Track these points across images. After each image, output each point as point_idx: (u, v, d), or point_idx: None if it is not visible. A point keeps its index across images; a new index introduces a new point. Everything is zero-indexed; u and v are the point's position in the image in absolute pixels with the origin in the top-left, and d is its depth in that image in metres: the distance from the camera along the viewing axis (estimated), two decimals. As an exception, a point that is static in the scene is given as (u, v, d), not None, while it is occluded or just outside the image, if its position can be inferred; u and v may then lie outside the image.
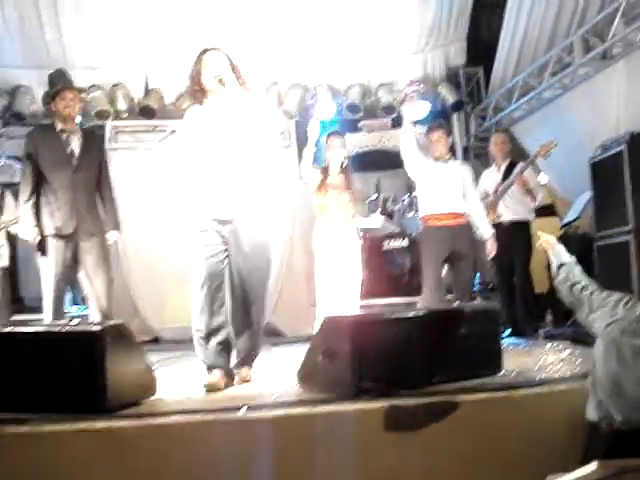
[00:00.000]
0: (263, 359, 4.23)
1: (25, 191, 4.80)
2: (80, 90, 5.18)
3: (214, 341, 3.79)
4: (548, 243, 3.52)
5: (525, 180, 6.08)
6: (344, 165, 5.42)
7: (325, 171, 5.38)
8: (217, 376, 3.72)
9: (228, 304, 3.85)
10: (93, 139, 5.18)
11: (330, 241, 5.23)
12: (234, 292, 3.84)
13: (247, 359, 3.96)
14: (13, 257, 6.10)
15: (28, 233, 4.76)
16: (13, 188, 5.97)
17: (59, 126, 4.87)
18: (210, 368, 3.78)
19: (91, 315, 4.88)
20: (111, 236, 5.01)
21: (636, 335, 2.75)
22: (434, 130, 5.78)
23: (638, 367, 2.71)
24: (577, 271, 3.28)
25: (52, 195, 4.76)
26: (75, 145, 4.86)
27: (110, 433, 2.79)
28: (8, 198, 5.56)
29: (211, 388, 3.60)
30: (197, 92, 3.89)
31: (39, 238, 4.72)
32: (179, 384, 3.93)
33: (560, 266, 3.34)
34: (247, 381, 3.86)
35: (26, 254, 5.73)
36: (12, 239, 6.01)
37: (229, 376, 3.82)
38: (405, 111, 5.64)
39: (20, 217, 4.88)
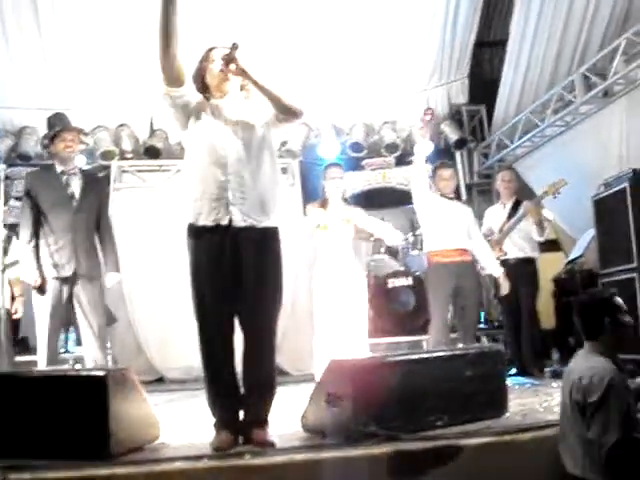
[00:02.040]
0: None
1: (25, 233, 4.77)
2: (79, 131, 5.17)
3: (223, 394, 3.38)
4: None
5: (539, 210, 6.02)
6: (344, 195, 5.41)
7: (324, 204, 5.34)
8: (224, 437, 3.26)
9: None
10: (94, 181, 5.19)
11: (331, 281, 5.19)
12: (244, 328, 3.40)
13: (259, 417, 3.37)
14: (13, 298, 6.07)
15: (30, 276, 4.72)
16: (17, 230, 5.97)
17: (59, 168, 4.87)
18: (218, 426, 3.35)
19: (87, 357, 4.79)
20: (111, 278, 4.99)
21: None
22: (446, 167, 5.78)
23: None
24: None
25: (52, 236, 4.73)
26: (75, 186, 4.85)
27: (113, 480, 2.76)
28: (14, 240, 5.52)
29: (219, 449, 3.17)
30: (200, 90, 3.51)
31: (40, 281, 4.68)
32: (183, 426, 3.90)
33: None
34: (270, 445, 3.16)
35: (27, 294, 5.71)
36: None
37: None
38: (418, 146, 5.65)
39: (21, 259, 4.84)
